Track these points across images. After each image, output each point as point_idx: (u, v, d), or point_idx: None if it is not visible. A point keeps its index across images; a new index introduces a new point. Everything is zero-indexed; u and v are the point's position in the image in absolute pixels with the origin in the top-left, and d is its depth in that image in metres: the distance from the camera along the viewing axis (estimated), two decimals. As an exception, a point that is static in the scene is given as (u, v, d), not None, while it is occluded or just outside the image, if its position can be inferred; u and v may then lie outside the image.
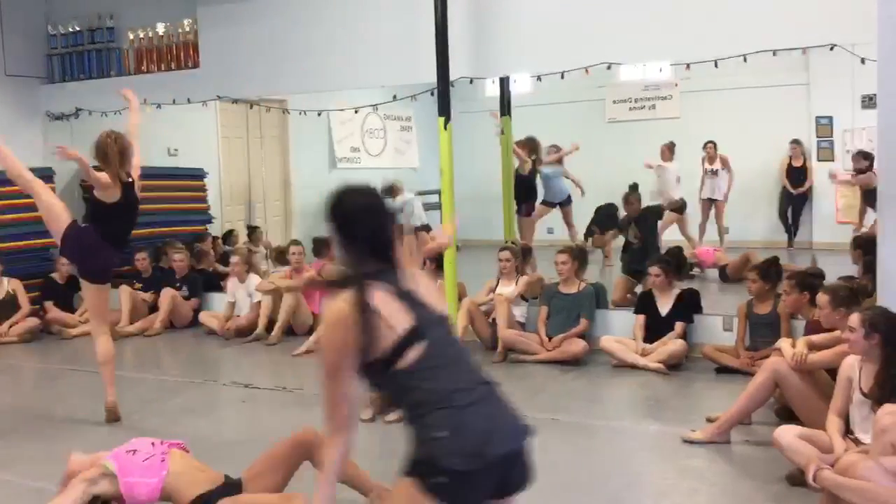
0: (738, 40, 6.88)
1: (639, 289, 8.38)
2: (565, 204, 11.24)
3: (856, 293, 4.88)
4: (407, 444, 2.47)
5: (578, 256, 7.67)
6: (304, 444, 3.81)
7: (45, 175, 10.11)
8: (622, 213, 10.16)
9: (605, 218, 12.11)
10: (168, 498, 3.79)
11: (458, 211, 7.87)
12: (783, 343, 5.14)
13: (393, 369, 2.45)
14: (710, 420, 5.32)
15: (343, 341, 2.43)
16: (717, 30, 6.99)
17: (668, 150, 11.66)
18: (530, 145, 10.44)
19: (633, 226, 9.21)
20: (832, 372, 4.62)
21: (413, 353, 2.44)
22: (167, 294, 9.33)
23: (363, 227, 2.56)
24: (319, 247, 9.50)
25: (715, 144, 12.10)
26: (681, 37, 7.15)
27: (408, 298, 2.50)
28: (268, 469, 3.84)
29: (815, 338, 5.00)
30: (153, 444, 3.93)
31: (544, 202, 11.07)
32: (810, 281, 5.93)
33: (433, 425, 2.40)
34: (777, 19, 6.79)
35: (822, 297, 4.92)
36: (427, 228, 11.36)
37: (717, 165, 12.06)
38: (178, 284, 9.55)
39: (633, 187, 9.95)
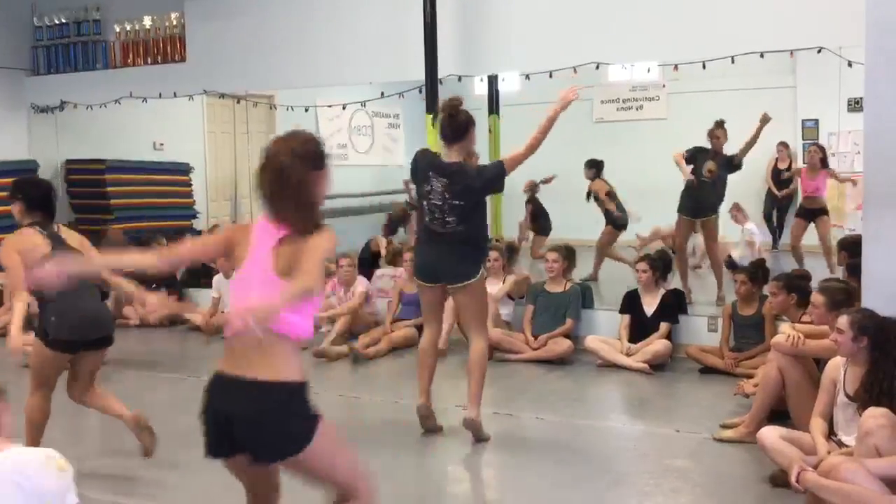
0: (726, 42, 6.90)
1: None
2: None
3: (851, 295, 4.88)
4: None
5: (568, 256, 7.67)
6: None
7: (29, 168, 10.07)
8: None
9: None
10: None
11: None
12: (782, 327, 5.17)
13: None
14: (724, 426, 5.30)
15: None
16: (705, 31, 7.01)
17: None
18: None
19: (713, 160, 8.65)
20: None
21: None
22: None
23: None
24: None
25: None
26: (669, 38, 7.17)
27: None
28: None
29: (803, 328, 5.02)
30: None
31: None
32: (797, 283, 5.95)
33: None
34: (765, 21, 6.82)
35: (817, 297, 4.89)
36: None
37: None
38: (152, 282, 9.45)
39: (721, 122, 9.71)
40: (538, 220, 12.25)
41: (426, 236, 5.25)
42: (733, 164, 8.57)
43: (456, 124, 5.04)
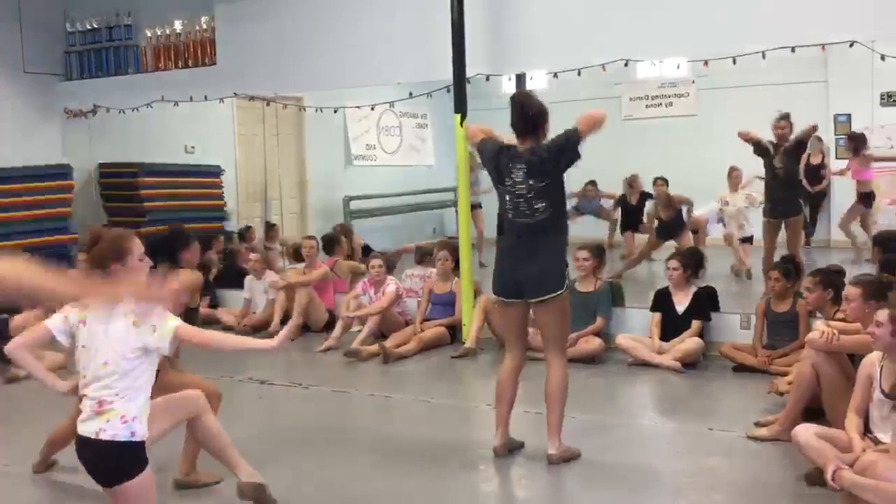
0: (757, 37, 6.84)
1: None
2: None
3: (885, 287, 4.82)
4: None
5: (599, 254, 7.64)
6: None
7: (63, 172, 10.21)
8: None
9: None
10: None
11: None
12: (816, 324, 5.12)
13: None
14: (758, 424, 5.26)
15: None
16: (736, 26, 6.94)
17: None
18: None
19: (782, 153, 8.71)
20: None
21: None
22: None
23: None
24: (330, 244, 9.53)
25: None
26: (699, 33, 7.11)
27: None
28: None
29: (838, 325, 4.97)
30: None
31: None
32: (833, 278, 5.89)
33: None
34: (796, 16, 6.74)
35: (852, 290, 4.84)
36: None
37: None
38: None
39: (786, 115, 9.52)
40: None
41: (509, 241, 5.00)
42: (802, 147, 8.70)
43: (527, 117, 4.90)
